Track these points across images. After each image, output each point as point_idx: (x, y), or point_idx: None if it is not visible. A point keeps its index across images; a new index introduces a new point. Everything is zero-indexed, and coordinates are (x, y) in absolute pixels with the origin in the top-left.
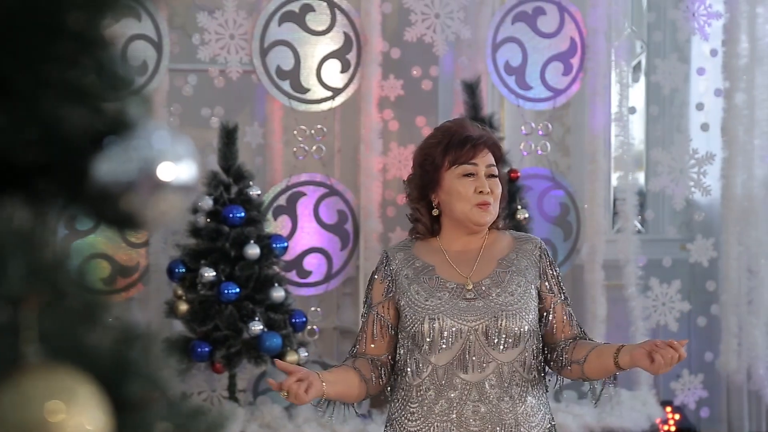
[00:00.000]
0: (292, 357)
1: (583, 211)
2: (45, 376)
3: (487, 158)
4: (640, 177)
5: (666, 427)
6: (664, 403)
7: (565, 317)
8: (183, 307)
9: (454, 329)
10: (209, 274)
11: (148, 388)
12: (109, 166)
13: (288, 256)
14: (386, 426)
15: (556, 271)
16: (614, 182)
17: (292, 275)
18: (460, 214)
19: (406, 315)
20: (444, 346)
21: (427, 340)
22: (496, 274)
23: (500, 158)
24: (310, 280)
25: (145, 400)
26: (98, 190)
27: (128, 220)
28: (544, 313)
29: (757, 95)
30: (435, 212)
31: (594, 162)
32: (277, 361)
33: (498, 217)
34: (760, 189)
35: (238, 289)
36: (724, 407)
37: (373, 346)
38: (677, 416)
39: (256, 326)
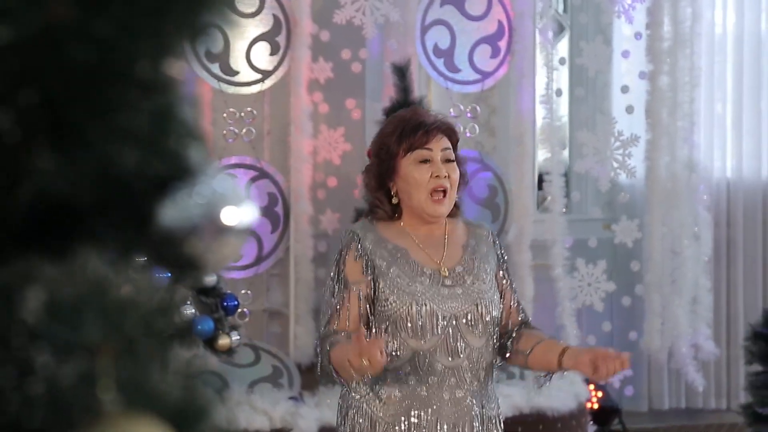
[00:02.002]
0: (224, 340)
1: (511, 192)
2: (124, 425)
3: (441, 143)
4: (565, 158)
5: (589, 405)
6: (588, 381)
7: (513, 304)
8: None
9: (439, 315)
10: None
11: (216, 428)
12: (172, 211)
13: None
14: (345, 410)
15: (505, 257)
16: (540, 163)
17: None
18: (416, 204)
19: (387, 298)
20: (429, 331)
21: (414, 325)
22: (465, 261)
23: (456, 143)
24: (241, 263)
25: None
26: (161, 235)
27: (191, 264)
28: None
29: (680, 78)
30: (395, 200)
31: (521, 144)
32: (362, 331)
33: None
34: (683, 171)
35: (169, 273)
36: (645, 385)
37: (357, 324)
38: (600, 394)
39: (188, 310)
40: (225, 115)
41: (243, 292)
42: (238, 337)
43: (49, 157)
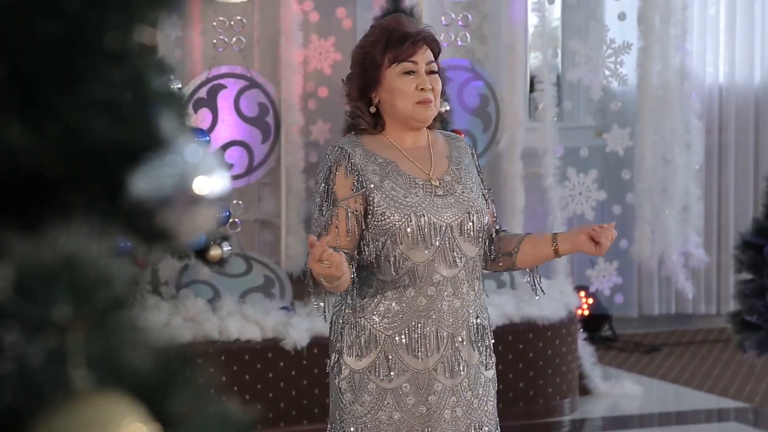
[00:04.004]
0: (215, 251)
1: (502, 101)
2: (94, 403)
3: (426, 55)
4: (557, 66)
5: (579, 312)
6: (578, 288)
7: (494, 212)
8: None
9: (436, 225)
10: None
11: (189, 402)
12: (144, 181)
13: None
14: (340, 327)
15: (480, 167)
16: (531, 72)
17: None
18: (402, 112)
19: (383, 212)
20: (428, 242)
21: (414, 237)
22: (453, 171)
23: (438, 54)
24: (232, 173)
25: (187, 414)
26: (133, 206)
27: (163, 236)
28: None
29: None
30: (372, 110)
31: (513, 52)
32: (311, 237)
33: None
34: (675, 78)
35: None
36: (635, 292)
37: (347, 240)
38: (590, 300)
39: None
40: (215, 23)
41: (234, 202)
42: (230, 248)
43: (19, 129)
